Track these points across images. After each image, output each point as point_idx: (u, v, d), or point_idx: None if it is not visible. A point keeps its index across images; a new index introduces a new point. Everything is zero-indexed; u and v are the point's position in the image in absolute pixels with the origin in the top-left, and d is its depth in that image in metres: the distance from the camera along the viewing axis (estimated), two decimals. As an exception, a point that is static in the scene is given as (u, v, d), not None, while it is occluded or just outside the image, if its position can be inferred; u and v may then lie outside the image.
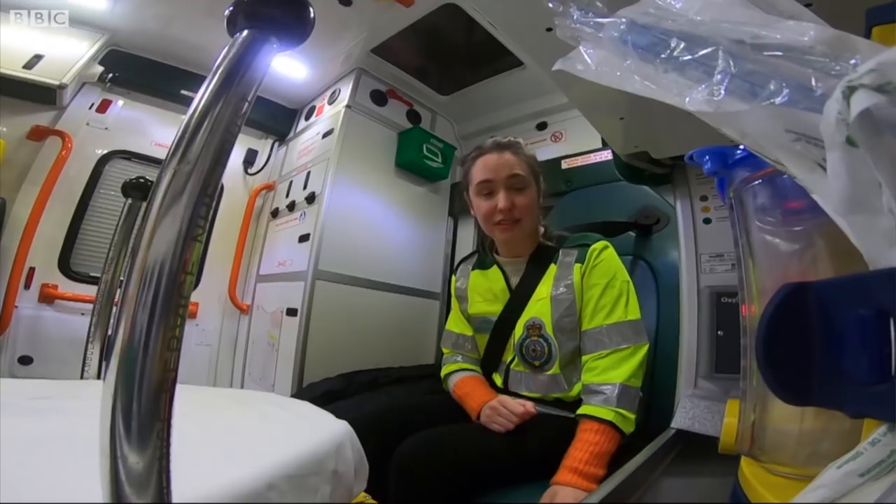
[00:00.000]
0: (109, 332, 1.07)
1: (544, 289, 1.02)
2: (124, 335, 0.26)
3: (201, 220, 0.29)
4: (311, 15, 0.37)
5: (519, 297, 1.05)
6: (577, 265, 1.00)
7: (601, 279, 0.98)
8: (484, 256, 1.17)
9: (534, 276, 1.05)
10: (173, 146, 0.30)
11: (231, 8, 0.35)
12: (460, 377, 1.09)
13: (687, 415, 0.94)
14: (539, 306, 1.01)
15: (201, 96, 0.31)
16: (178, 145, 0.30)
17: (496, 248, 1.14)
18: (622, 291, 0.97)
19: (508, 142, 1.07)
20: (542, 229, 1.12)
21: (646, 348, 0.94)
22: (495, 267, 1.12)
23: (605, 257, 1.01)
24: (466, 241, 2.34)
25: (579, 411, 0.90)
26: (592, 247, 1.01)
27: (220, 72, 0.32)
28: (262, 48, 0.34)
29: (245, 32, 0.34)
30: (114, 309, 1.10)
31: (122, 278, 0.29)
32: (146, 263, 0.27)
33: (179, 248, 0.27)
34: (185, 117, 0.31)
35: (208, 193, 0.29)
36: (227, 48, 0.34)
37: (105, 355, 1.06)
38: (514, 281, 1.08)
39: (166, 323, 0.26)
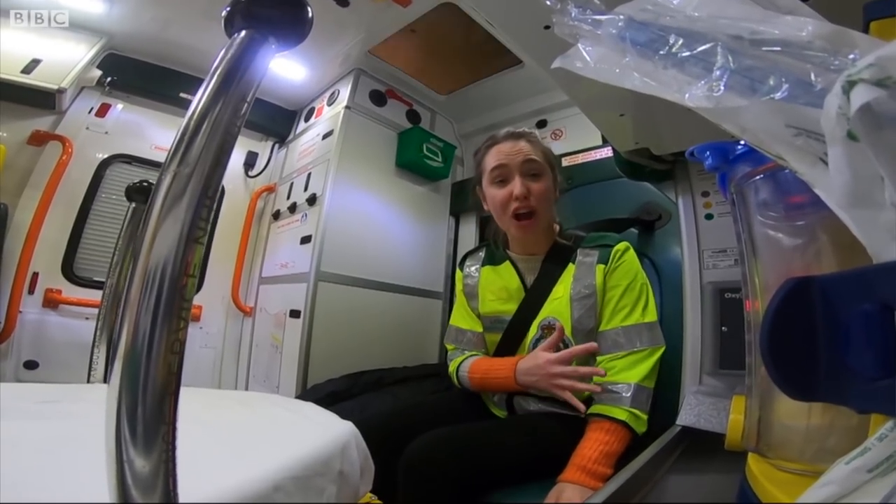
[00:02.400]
0: (114, 335, 1.08)
1: (561, 288, 1.00)
2: (127, 339, 0.26)
3: (202, 222, 0.29)
4: (310, 15, 0.37)
5: (535, 297, 1.03)
6: (600, 266, 0.99)
7: (623, 280, 0.97)
8: (494, 251, 1.14)
9: (551, 275, 1.03)
10: (173, 148, 0.30)
11: (228, 8, 0.35)
12: (472, 361, 1.05)
13: (692, 412, 0.94)
14: (555, 306, 1.00)
15: (200, 98, 0.31)
16: (177, 148, 0.29)
17: (508, 244, 1.11)
18: (642, 293, 0.97)
19: (523, 131, 1.06)
20: (556, 227, 1.10)
21: (661, 350, 0.94)
22: (508, 263, 1.09)
23: (628, 258, 1.00)
24: (468, 240, 2.34)
25: (591, 410, 0.89)
26: (615, 247, 1.00)
27: (218, 73, 0.32)
28: (260, 48, 0.34)
29: (243, 33, 0.34)
30: (119, 313, 1.11)
31: (126, 282, 0.29)
32: (148, 267, 0.27)
33: (181, 250, 0.27)
34: (184, 119, 0.30)
35: (209, 195, 0.29)
36: (224, 49, 0.33)
37: (109, 359, 1.06)
38: (530, 279, 1.06)
39: (169, 326, 0.26)
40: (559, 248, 1.06)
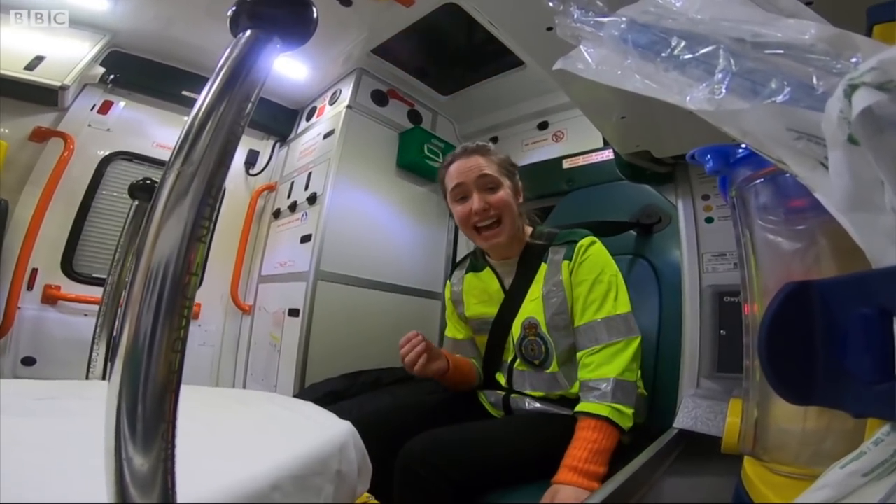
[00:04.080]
0: (115, 332, 1.08)
1: (537, 288, 1.02)
2: (129, 336, 0.26)
3: (205, 220, 0.29)
4: (314, 15, 0.37)
5: (513, 298, 1.06)
6: (566, 262, 1.00)
7: (589, 275, 0.97)
8: (476, 261, 1.18)
9: (526, 276, 1.06)
10: (177, 147, 0.30)
11: (234, 8, 0.35)
12: None
13: (689, 414, 0.94)
14: (533, 306, 1.02)
15: (204, 97, 0.31)
16: (181, 146, 0.29)
17: (486, 252, 1.14)
18: (611, 285, 0.97)
19: (476, 146, 1.08)
20: (529, 229, 1.13)
21: (637, 341, 0.93)
22: (488, 269, 1.14)
23: (592, 252, 1.00)
24: (467, 242, 2.34)
25: (576, 409, 0.90)
26: (579, 243, 1.01)
27: (223, 72, 0.32)
28: (264, 48, 0.34)
29: (248, 33, 0.34)
30: (119, 310, 1.10)
31: (127, 279, 0.29)
32: (150, 264, 0.27)
33: (184, 249, 0.27)
34: (189, 118, 0.30)
35: (212, 194, 0.29)
36: (229, 49, 0.33)
37: (110, 356, 1.06)
38: (508, 282, 1.09)
39: (171, 324, 0.26)
40: (532, 249, 1.08)
